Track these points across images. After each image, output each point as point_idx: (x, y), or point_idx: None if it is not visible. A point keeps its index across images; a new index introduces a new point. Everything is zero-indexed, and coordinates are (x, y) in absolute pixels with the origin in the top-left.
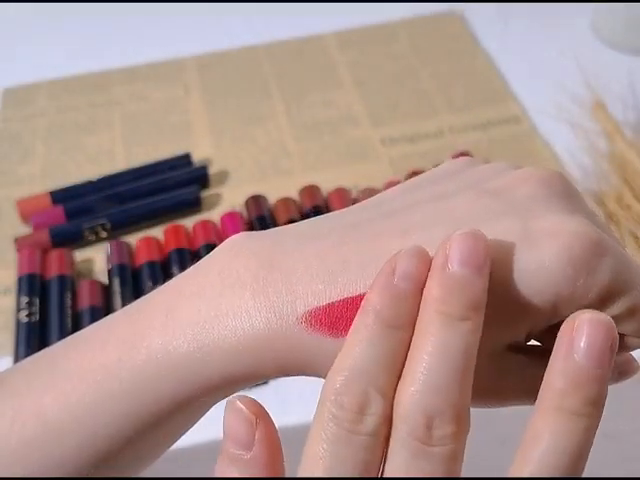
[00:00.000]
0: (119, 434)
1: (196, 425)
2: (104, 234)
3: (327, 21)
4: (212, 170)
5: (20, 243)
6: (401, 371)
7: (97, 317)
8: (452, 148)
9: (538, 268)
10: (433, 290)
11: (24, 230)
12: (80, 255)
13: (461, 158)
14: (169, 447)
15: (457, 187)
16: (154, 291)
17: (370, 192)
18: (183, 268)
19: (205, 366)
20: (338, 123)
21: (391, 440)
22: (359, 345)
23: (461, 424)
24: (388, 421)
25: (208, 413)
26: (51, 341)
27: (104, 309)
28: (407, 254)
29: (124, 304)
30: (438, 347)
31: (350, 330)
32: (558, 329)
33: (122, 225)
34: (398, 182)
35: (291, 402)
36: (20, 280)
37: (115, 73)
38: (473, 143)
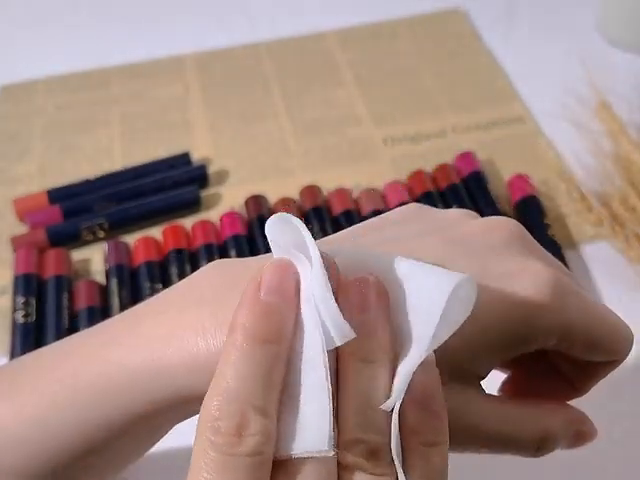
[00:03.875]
0: (69, 447)
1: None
2: (102, 234)
3: (329, 19)
4: (211, 169)
5: (17, 242)
6: (282, 385)
7: (94, 317)
8: (455, 148)
9: (509, 307)
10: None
11: (21, 229)
12: (77, 255)
13: (410, 204)
14: (126, 467)
15: (419, 230)
16: (132, 307)
17: (371, 192)
18: (181, 268)
19: (159, 382)
20: (339, 122)
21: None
22: (231, 366)
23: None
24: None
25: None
26: (47, 342)
27: (101, 309)
28: (271, 267)
29: (122, 304)
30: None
31: (222, 353)
32: (522, 360)
33: (120, 225)
34: (398, 185)
35: None
36: (16, 280)
37: (114, 71)
38: (476, 143)
